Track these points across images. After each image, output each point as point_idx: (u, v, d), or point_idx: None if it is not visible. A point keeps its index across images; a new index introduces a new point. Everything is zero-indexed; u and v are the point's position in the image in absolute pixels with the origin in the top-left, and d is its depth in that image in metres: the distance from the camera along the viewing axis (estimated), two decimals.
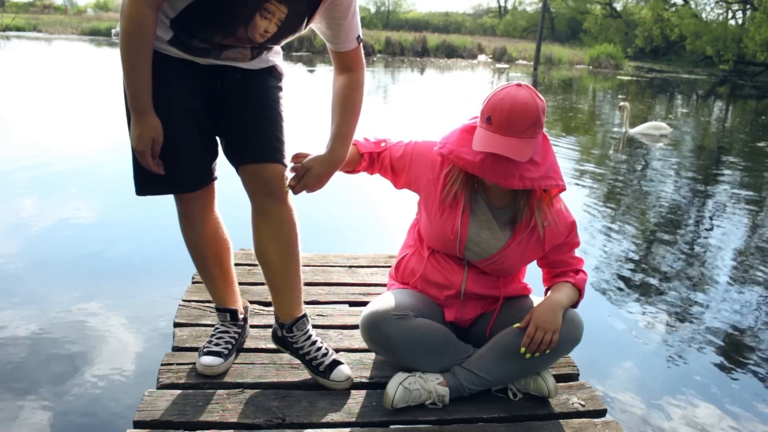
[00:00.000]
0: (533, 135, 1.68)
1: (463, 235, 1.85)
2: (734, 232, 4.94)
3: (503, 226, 1.86)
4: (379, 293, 2.26)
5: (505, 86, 1.69)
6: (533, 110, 1.65)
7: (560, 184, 1.76)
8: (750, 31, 30.11)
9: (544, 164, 1.73)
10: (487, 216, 1.86)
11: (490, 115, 1.67)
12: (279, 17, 1.60)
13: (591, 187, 6.15)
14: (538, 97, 1.68)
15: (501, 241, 1.85)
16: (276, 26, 1.62)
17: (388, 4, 57.67)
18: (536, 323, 1.76)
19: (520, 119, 1.64)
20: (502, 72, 23.95)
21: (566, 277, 1.91)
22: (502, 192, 1.84)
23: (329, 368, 1.86)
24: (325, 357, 1.88)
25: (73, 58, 19.32)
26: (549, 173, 1.73)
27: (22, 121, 7.98)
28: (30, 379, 2.35)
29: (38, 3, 47.93)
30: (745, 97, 20.88)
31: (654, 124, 9.30)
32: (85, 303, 3.00)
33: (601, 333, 3.02)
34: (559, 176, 1.76)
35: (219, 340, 1.96)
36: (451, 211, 1.86)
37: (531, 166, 1.70)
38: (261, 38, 1.64)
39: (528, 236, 1.85)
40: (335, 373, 1.85)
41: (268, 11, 1.57)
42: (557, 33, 45.75)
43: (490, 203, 1.87)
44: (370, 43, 29.17)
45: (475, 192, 1.87)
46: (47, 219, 4.22)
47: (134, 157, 1.71)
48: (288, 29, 1.66)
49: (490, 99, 1.69)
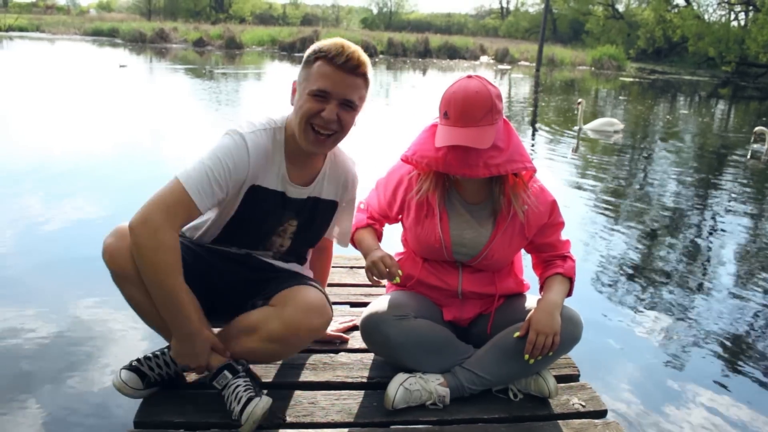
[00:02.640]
0: (491, 122, 1.69)
1: (446, 240, 1.85)
2: (731, 232, 4.94)
3: (484, 222, 1.86)
4: (379, 294, 2.26)
5: (457, 80, 1.72)
6: (486, 97, 1.67)
7: (528, 166, 1.75)
8: (752, 32, 30.07)
9: (507, 149, 1.73)
10: (465, 216, 1.87)
11: (446, 110, 1.70)
12: (291, 231, 1.79)
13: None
14: (491, 85, 1.71)
15: (484, 237, 1.86)
16: (290, 240, 1.81)
17: (391, 5, 57.75)
18: (536, 329, 1.76)
19: (474, 108, 1.66)
20: (504, 73, 23.94)
21: (555, 268, 1.91)
22: (476, 187, 1.84)
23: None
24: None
25: (75, 58, 19.36)
26: (513, 157, 1.73)
27: (24, 121, 7.99)
28: (31, 379, 2.36)
29: (41, 3, 48.05)
30: (747, 98, 20.84)
31: (607, 120, 9.52)
32: (86, 303, 3.00)
33: (601, 334, 3.01)
34: (526, 158, 1.76)
35: (155, 362, 1.78)
36: (429, 219, 1.86)
37: (494, 152, 1.70)
38: (280, 251, 1.83)
39: (511, 225, 1.85)
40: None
41: (280, 230, 1.79)
42: (559, 34, 45.73)
43: (465, 201, 1.87)
44: (372, 44, 29.19)
45: (447, 192, 1.87)
46: (49, 219, 4.23)
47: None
48: (303, 241, 1.85)
49: (444, 95, 1.73)
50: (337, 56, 1.56)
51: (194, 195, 1.54)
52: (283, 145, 1.70)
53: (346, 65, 1.57)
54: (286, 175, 1.71)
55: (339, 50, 1.57)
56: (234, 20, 41.23)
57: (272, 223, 1.77)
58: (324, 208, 1.84)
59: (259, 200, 1.69)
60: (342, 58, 1.56)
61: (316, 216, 1.83)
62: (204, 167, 1.56)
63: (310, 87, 1.59)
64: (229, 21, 39.84)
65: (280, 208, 1.75)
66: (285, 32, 30.04)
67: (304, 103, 1.60)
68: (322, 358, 2.03)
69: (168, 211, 1.51)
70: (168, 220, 1.50)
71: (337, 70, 1.56)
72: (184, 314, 1.58)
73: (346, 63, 1.57)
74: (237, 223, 1.73)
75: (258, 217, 1.73)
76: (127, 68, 15.98)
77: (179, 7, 46.03)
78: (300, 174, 1.74)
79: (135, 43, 28.57)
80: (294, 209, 1.77)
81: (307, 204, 1.79)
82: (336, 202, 1.86)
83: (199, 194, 1.54)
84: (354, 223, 2.00)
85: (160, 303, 1.57)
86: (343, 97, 1.59)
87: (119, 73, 14.50)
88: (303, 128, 1.62)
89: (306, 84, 1.61)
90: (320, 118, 1.59)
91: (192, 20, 40.38)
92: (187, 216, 1.56)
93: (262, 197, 1.69)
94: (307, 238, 1.86)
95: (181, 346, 1.63)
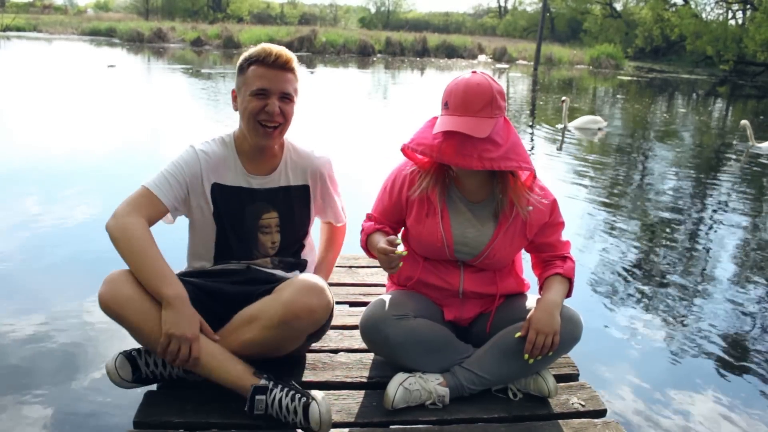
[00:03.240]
0: (490, 115, 1.69)
1: (449, 239, 1.85)
2: (731, 230, 4.95)
3: (486, 220, 1.86)
4: (379, 294, 2.26)
5: (461, 74, 1.75)
6: (487, 90, 1.69)
7: (524, 165, 1.74)
8: (750, 31, 30.07)
9: (504, 146, 1.72)
10: (467, 214, 1.87)
11: (447, 101, 1.73)
12: (275, 225, 1.92)
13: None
14: (494, 81, 1.73)
15: (487, 236, 1.86)
16: (278, 234, 1.94)
17: (389, 4, 57.77)
18: (536, 328, 1.76)
19: (474, 98, 1.68)
20: (502, 72, 23.94)
21: (554, 268, 1.91)
22: (476, 185, 1.84)
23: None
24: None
25: (67, 57, 19.33)
26: (509, 154, 1.72)
27: (25, 121, 7.98)
28: (31, 379, 2.36)
29: (38, 3, 47.96)
30: (745, 96, 20.87)
31: (591, 118, 9.74)
32: (86, 303, 3.00)
33: (601, 333, 3.01)
34: (523, 158, 1.74)
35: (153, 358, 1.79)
36: (431, 218, 1.86)
37: (490, 146, 1.70)
38: (273, 250, 1.95)
39: (513, 224, 1.85)
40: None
41: (264, 227, 1.91)
42: (557, 33, 45.74)
43: (467, 199, 1.87)
44: (370, 43, 29.19)
45: (447, 190, 1.87)
46: (52, 219, 4.22)
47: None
48: (290, 232, 1.96)
49: (446, 87, 1.76)
50: (267, 57, 1.76)
51: (153, 188, 1.78)
52: (233, 147, 1.90)
53: (276, 63, 1.77)
54: (243, 170, 1.89)
55: (267, 52, 1.77)
56: (232, 20, 41.18)
57: (251, 217, 1.89)
58: (297, 195, 1.96)
59: (226, 196, 1.88)
60: (271, 58, 1.76)
61: (293, 204, 1.95)
62: (161, 170, 1.83)
63: (250, 88, 1.78)
64: (227, 20, 39.77)
65: (250, 200, 1.89)
66: (283, 32, 29.97)
67: (248, 104, 1.78)
68: (322, 358, 2.03)
69: (131, 204, 1.76)
70: (133, 210, 1.74)
71: (269, 68, 1.77)
72: (165, 274, 1.67)
73: (276, 61, 1.77)
74: (223, 230, 1.89)
75: (234, 212, 1.88)
76: (116, 68, 15.89)
77: (177, 7, 45.94)
78: (257, 167, 1.91)
79: (132, 42, 28.54)
80: (265, 199, 1.91)
81: (279, 194, 1.92)
82: (307, 185, 1.97)
83: (157, 187, 1.79)
84: (362, 232, 2.00)
85: (141, 275, 1.67)
86: (281, 90, 1.78)
87: (107, 74, 14.42)
88: (252, 125, 1.80)
89: (245, 87, 1.79)
90: (265, 113, 1.78)
91: (190, 20, 40.33)
92: (150, 206, 1.76)
93: (227, 193, 1.88)
94: (294, 229, 1.97)
95: (168, 313, 1.63)
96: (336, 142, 7.33)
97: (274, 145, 1.90)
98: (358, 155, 6.81)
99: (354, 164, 5.90)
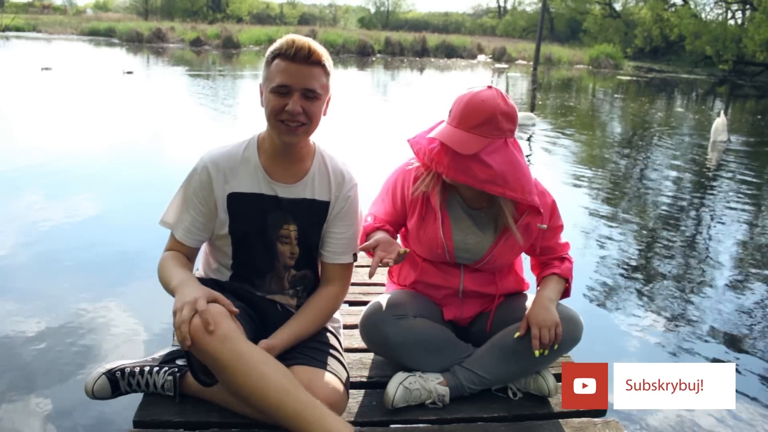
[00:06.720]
0: (485, 134, 1.66)
1: (449, 245, 1.85)
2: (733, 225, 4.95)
3: (486, 227, 1.86)
4: (378, 293, 2.26)
5: (475, 86, 1.73)
6: (489, 108, 1.66)
7: (509, 194, 1.69)
8: (749, 31, 30.10)
9: (495, 168, 1.67)
10: (467, 221, 1.86)
11: (451, 109, 1.73)
12: (294, 236, 1.80)
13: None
14: (504, 101, 1.68)
15: (487, 243, 1.85)
16: (297, 246, 1.82)
17: (388, 4, 57.75)
18: (537, 323, 1.76)
19: (471, 113, 1.66)
20: (501, 72, 23.95)
21: (552, 268, 1.92)
22: (474, 193, 1.83)
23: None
24: None
25: (73, 57, 19.32)
26: (497, 180, 1.67)
27: (26, 121, 7.98)
28: (32, 378, 2.36)
29: (38, 3, 47.95)
30: (744, 96, 20.88)
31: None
32: (87, 302, 3.00)
33: (601, 333, 3.02)
34: (515, 188, 1.69)
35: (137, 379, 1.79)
36: (431, 223, 1.85)
37: (480, 166, 1.67)
38: (291, 260, 1.84)
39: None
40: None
41: (284, 237, 1.80)
42: (557, 33, 45.75)
43: (467, 205, 1.87)
44: (369, 43, 29.20)
45: (448, 194, 1.86)
46: (57, 218, 4.22)
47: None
48: (306, 245, 1.83)
49: (457, 96, 1.74)
50: (289, 50, 1.62)
51: (183, 239, 1.76)
52: (256, 151, 1.77)
53: (298, 56, 1.62)
54: (266, 176, 1.76)
55: (290, 44, 1.63)
56: (231, 20, 41.19)
57: (272, 227, 1.78)
58: (319, 210, 1.83)
59: (245, 204, 1.76)
60: (293, 51, 1.62)
61: (313, 218, 1.82)
62: (180, 203, 1.79)
63: (272, 84, 1.66)
64: (226, 21, 39.80)
65: (272, 208, 1.77)
66: (282, 32, 29.80)
67: (269, 102, 1.67)
68: None
69: (168, 254, 1.76)
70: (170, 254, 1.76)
71: (291, 63, 1.63)
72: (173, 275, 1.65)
73: (298, 54, 1.62)
74: (241, 239, 1.78)
75: (255, 219, 1.76)
76: (133, 75, 15.19)
77: (176, 7, 45.92)
78: (284, 173, 1.78)
79: (132, 42, 28.53)
80: (288, 210, 1.78)
81: (301, 205, 1.80)
82: (328, 202, 1.83)
83: (187, 237, 1.76)
84: (361, 233, 1.93)
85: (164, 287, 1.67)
86: (303, 87, 1.64)
87: (125, 81, 14.03)
88: (274, 124, 1.69)
89: (268, 83, 1.68)
90: (286, 112, 1.65)
91: (189, 20, 40.32)
92: (185, 249, 1.77)
93: (246, 201, 1.76)
94: (312, 243, 1.84)
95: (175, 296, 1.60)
96: (336, 141, 7.32)
97: (300, 145, 1.76)
98: (358, 155, 6.81)
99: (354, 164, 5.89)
